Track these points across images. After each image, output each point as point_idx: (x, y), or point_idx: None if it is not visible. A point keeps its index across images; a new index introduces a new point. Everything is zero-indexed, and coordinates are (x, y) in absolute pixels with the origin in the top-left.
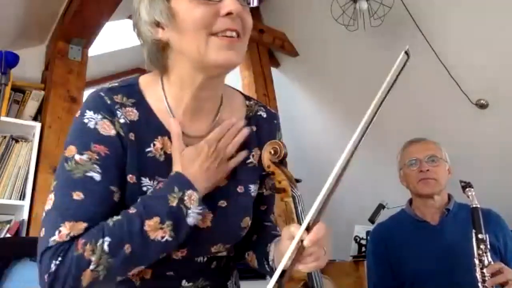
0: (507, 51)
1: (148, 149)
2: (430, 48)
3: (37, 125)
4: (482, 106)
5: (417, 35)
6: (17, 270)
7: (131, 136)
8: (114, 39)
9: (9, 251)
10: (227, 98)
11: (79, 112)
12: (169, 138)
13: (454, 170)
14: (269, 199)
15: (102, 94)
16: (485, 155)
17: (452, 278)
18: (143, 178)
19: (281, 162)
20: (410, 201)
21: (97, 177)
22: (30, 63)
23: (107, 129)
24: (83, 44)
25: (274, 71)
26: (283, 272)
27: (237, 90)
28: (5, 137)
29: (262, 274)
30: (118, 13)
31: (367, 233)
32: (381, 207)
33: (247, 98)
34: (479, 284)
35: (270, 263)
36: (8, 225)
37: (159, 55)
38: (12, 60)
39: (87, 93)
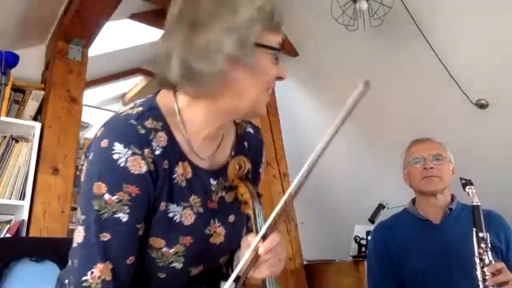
0: (507, 51)
1: (174, 176)
2: (430, 48)
3: (37, 125)
4: (482, 106)
5: (417, 35)
6: (17, 270)
7: (165, 164)
8: (114, 39)
9: (9, 251)
10: None
11: (106, 141)
12: (189, 163)
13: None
14: None
15: (133, 122)
16: (485, 155)
17: (452, 277)
18: (170, 204)
19: (245, 177)
20: (413, 200)
21: (124, 218)
22: (30, 63)
23: (138, 167)
24: (83, 44)
25: None
26: (238, 278)
27: None
28: (5, 137)
29: None
30: (118, 13)
31: (367, 233)
32: (381, 207)
33: None
34: (480, 283)
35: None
36: (8, 225)
37: (210, 84)
38: (12, 60)
39: (87, 93)
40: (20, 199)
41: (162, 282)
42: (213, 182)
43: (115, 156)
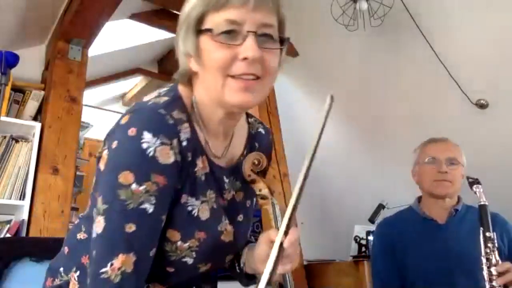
0: (507, 51)
1: (195, 169)
2: (430, 48)
3: (37, 125)
4: (482, 106)
5: (417, 35)
6: (17, 270)
7: (189, 156)
8: (114, 39)
9: (9, 251)
10: None
11: (134, 129)
12: (206, 157)
13: None
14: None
15: (162, 112)
16: (485, 155)
17: (454, 278)
18: (190, 198)
19: (263, 173)
20: (419, 199)
21: (150, 209)
22: (30, 63)
23: (166, 157)
24: (83, 44)
25: None
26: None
27: None
28: (5, 137)
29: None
30: (118, 13)
31: (367, 233)
32: (381, 207)
33: (248, 115)
34: (486, 283)
35: (241, 265)
36: (8, 225)
37: (188, 84)
38: (12, 60)
39: (87, 93)
40: (20, 199)
41: (169, 276)
42: (226, 180)
43: (144, 145)
